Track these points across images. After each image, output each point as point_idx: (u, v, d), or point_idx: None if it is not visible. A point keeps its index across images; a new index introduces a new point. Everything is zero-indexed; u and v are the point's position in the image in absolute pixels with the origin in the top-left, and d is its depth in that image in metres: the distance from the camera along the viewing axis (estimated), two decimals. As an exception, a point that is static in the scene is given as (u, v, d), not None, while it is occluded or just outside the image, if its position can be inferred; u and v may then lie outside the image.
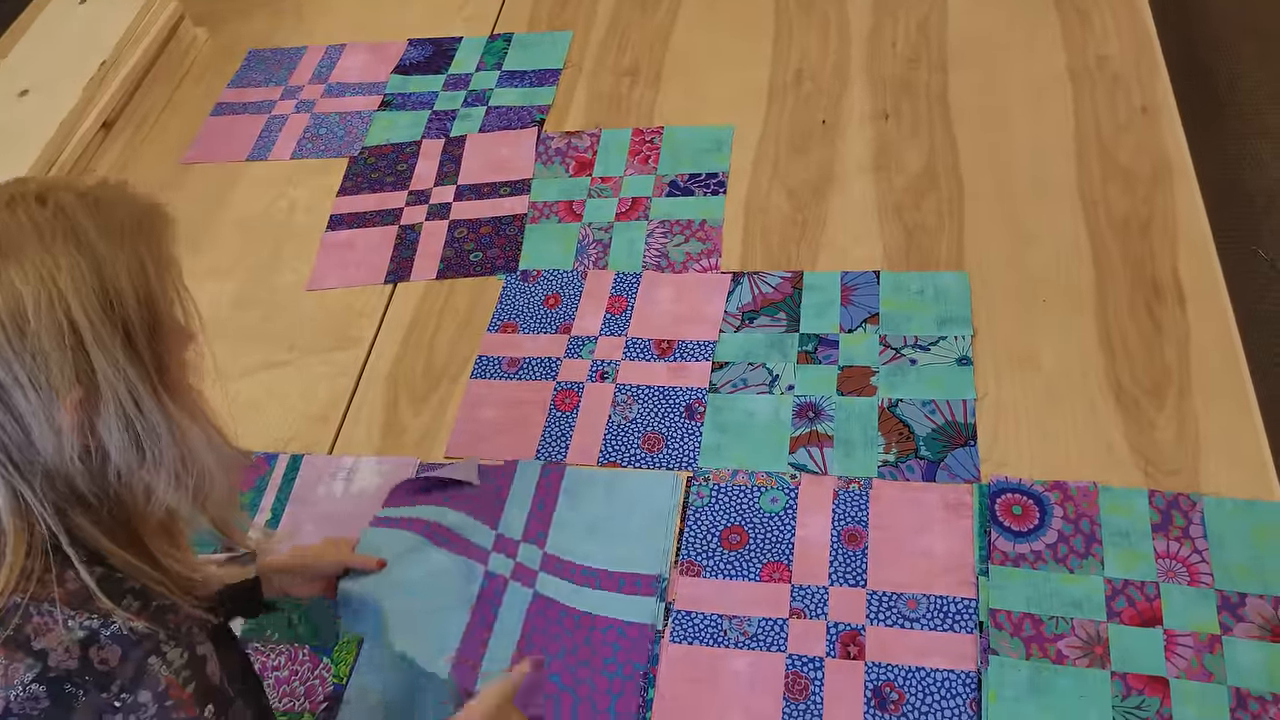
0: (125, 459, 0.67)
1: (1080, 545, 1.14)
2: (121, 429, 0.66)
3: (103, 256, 0.65)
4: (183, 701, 0.68)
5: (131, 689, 0.66)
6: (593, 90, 1.79)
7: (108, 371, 0.64)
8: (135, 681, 0.66)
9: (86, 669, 0.65)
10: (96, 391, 0.64)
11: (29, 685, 0.64)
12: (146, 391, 0.67)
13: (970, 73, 1.64)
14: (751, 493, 1.24)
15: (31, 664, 0.65)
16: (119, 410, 0.65)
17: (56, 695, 0.65)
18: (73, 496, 0.67)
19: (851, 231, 1.48)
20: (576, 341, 1.43)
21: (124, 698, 0.66)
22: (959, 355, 1.31)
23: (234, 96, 1.93)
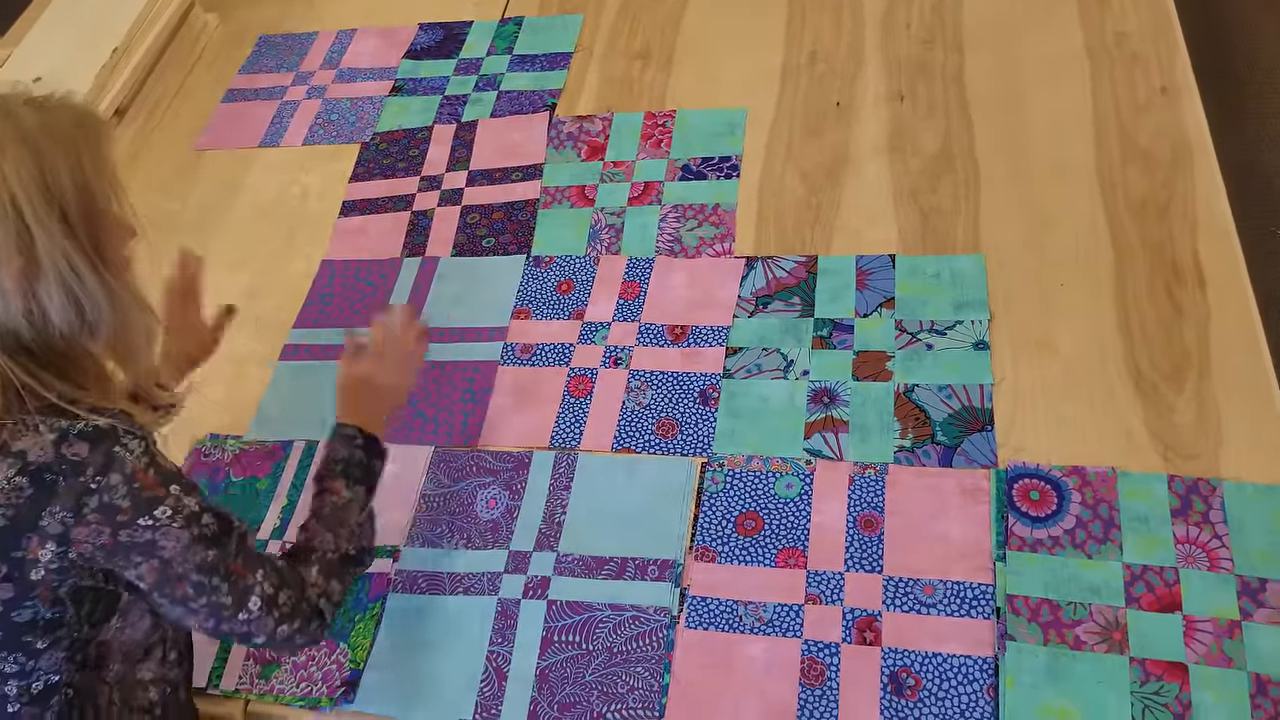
0: (65, 320, 0.78)
1: (1099, 531, 1.13)
2: (61, 295, 0.77)
3: (43, 149, 0.76)
4: (149, 482, 0.80)
5: (103, 473, 0.78)
6: (604, 74, 1.77)
7: (45, 244, 0.76)
8: (105, 467, 0.78)
9: (61, 460, 0.77)
10: (36, 261, 0.76)
11: (12, 479, 0.77)
12: (84, 265, 0.78)
13: (986, 53, 1.62)
14: (766, 478, 1.23)
15: (12, 462, 0.77)
16: (58, 279, 0.77)
17: (38, 484, 0.77)
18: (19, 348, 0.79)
19: (866, 215, 1.47)
20: (590, 328, 1.43)
21: (99, 480, 0.78)
22: (976, 339, 1.30)
23: (245, 83, 1.92)
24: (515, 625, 1.16)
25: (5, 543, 0.77)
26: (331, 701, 1.14)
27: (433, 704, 1.12)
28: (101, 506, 0.78)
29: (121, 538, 0.79)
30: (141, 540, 0.80)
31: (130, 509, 0.79)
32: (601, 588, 1.17)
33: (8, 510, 0.77)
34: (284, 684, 1.16)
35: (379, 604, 1.20)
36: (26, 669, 0.81)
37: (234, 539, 0.87)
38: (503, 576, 1.20)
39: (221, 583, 0.84)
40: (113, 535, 0.79)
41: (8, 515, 0.77)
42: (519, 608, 1.17)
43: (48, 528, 0.77)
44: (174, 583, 0.82)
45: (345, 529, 0.99)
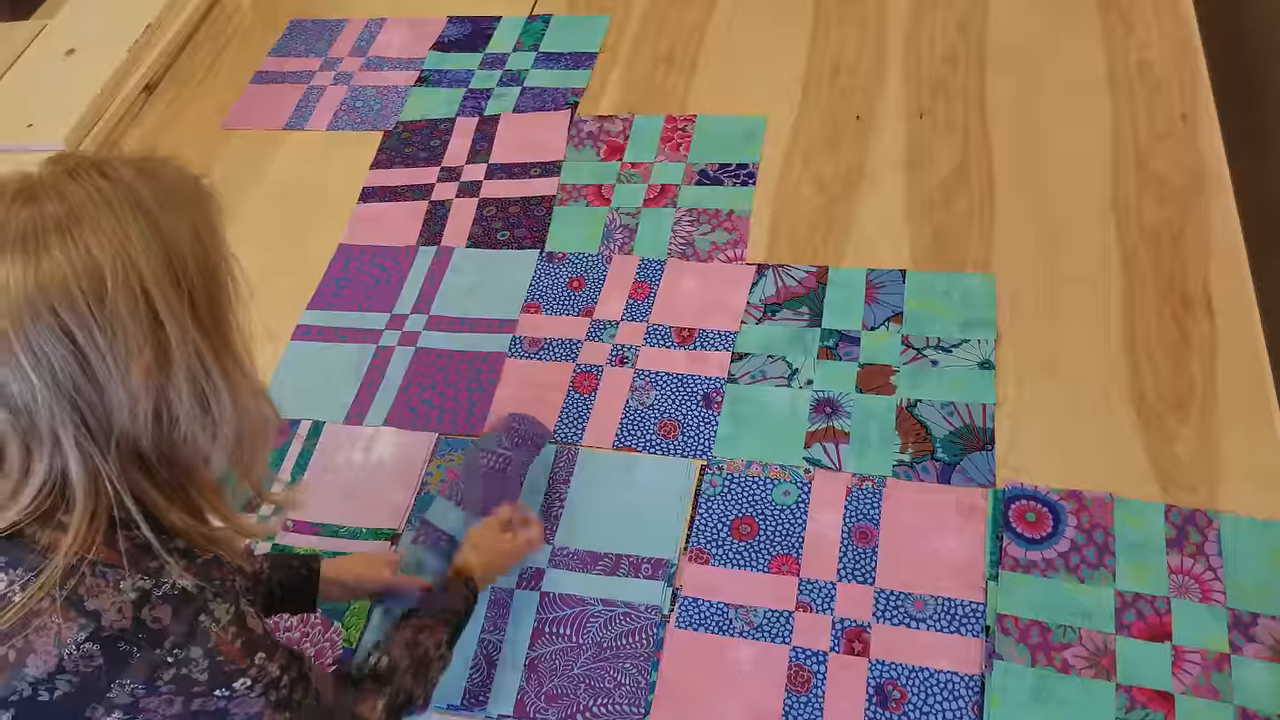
0: (191, 421, 0.69)
1: (1093, 556, 1.13)
2: (190, 392, 0.68)
3: (165, 226, 0.67)
4: (232, 655, 0.71)
5: (184, 644, 0.69)
6: (627, 75, 1.79)
7: (177, 336, 0.67)
8: (187, 638, 0.69)
9: (140, 628, 0.67)
10: (167, 356, 0.67)
11: (82, 644, 0.66)
12: (210, 356, 0.69)
13: (1008, 74, 1.63)
14: (764, 484, 1.24)
15: (85, 624, 0.66)
16: (188, 374, 0.68)
17: (111, 653, 0.66)
18: (138, 459, 0.69)
19: (880, 228, 1.48)
20: (598, 325, 1.44)
21: (176, 653, 0.69)
22: (981, 359, 1.30)
23: (274, 65, 1.94)
24: (508, 614, 1.17)
25: (70, 710, 0.68)
26: (322, 680, 1.15)
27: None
28: (177, 679, 0.69)
29: (194, 706, 0.71)
30: (212, 709, 0.72)
31: (207, 682, 0.71)
32: (595, 583, 1.18)
33: (74, 678, 0.66)
34: (276, 660, 1.17)
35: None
36: None
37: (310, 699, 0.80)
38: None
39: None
40: (185, 705, 0.71)
41: (74, 683, 0.66)
42: (512, 597, 1.18)
43: (115, 699, 0.68)
44: None
45: (423, 676, 0.95)
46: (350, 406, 1.40)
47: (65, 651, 0.65)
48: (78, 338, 0.64)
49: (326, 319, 1.51)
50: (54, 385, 0.64)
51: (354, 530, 1.27)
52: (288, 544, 1.27)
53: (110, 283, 0.64)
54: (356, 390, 1.42)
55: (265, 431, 0.77)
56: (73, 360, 0.64)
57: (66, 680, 0.66)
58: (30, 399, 0.64)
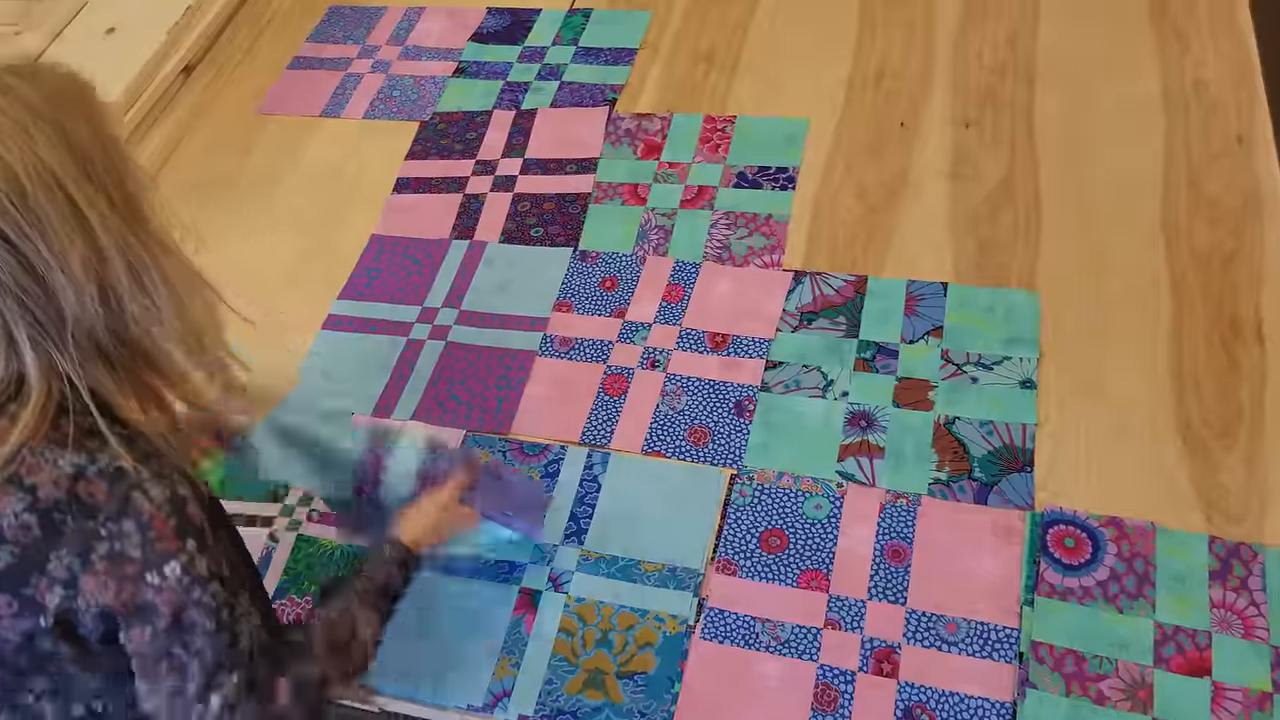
0: (133, 300, 0.73)
1: (1132, 585, 1.11)
2: (127, 274, 0.72)
3: (66, 125, 0.71)
4: (165, 533, 0.72)
5: (116, 519, 0.71)
6: (667, 73, 1.76)
7: (100, 224, 0.70)
8: (120, 513, 0.71)
9: (74, 500, 0.71)
10: (97, 243, 0.70)
11: (20, 515, 0.70)
12: (135, 239, 0.73)
13: (1058, 88, 1.59)
14: (795, 497, 1.22)
15: (22, 496, 0.71)
16: (120, 258, 0.72)
17: (46, 524, 0.71)
18: (97, 350, 0.72)
19: (921, 239, 1.45)
20: (630, 327, 1.41)
21: (109, 526, 0.71)
22: (1023, 378, 1.27)
23: (312, 51, 1.93)
24: (534, 617, 1.15)
25: (13, 580, 0.71)
26: (341, 676, 1.14)
27: (444, 687, 1.12)
28: (111, 555, 0.71)
29: (124, 595, 0.72)
30: (143, 602, 0.72)
31: (140, 560, 0.71)
32: (621, 588, 1.16)
33: (15, 549, 0.71)
34: (295, 653, 1.16)
35: (396, 583, 1.20)
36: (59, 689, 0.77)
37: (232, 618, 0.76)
38: (527, 566, 1.19)
39: (198, 667, 0.73)
40: (117, 593, 0.71)
41: (15, 554, 0.71)
42: (539, 599, 1.17)
43: (54, 572, 0.71)
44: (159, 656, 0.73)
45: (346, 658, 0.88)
46: (379, 399, 1.39)
47: (4, 522, 0.70)
48: (11, 237, 0.68)
49: (357, 309, 1.50)
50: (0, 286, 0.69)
51: (377, 525, 1.26)
52: (311, 534, 1.26)
53: (28, 184, 0.68)
54: (385, 383, 1.40)
55: (207, 310, 0.80)
56: (11, 259, 0.69)
57: (7, 551, 0.71)
58: None
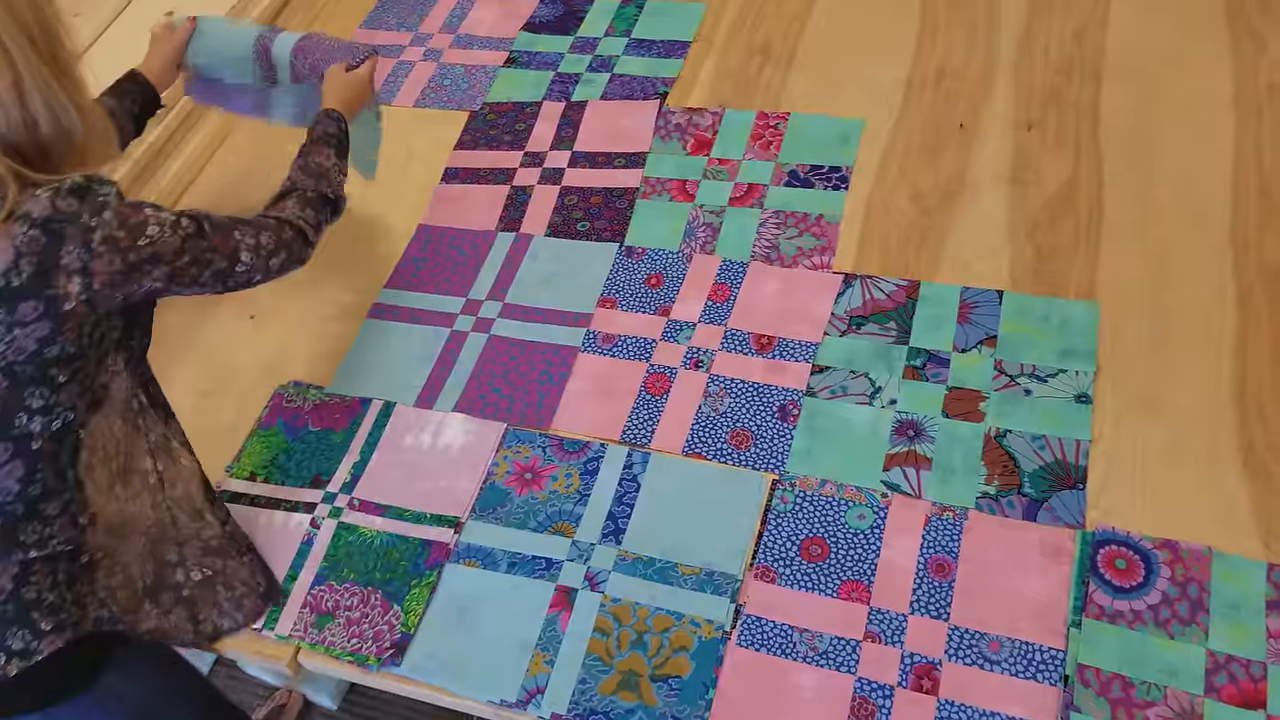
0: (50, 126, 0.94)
1: (1185, 611, 1.07)
2: (43, 107, 0.93)
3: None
4: (131, 209, 0.98)
5: (96, 213, 0.94)
6: (720, 67, 1.74)
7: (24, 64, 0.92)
8: (96, 210, 0.94)
9: (59, 212, 0.92)
10: (20, 79, 0.92)
11: (28, 232, 0.91)
12: (54, 82, 0.94)
13: (1126, 89, 1.54)
14: (838, 505, 1.19)
15: (23, 220, 0.91)
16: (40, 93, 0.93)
17: (48, 231, 0.92)
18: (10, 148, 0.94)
19: (977, 245, 1.41)
20: (674, 325, 1.40)
21: (94, 220, 0.94)
22: (1078, 391, 1.24)
23: (365, 37, 1.93)
24: (570, 615, 1.15)
25: (39, 284, 0.92)
26: (379, 662, 1.14)
27: (478, 681, 1.12)
28: (105, 240, 0.94)
29: (131, 258, 0.96)
30: (146, 255, 0.98)
31: (128, 235, 0.96)
32: (657, 591, 1.15)
33: (33, 259, 0.91)
34: (336, 637, 1.17)
35: (436, 572, 1.20)
36: (50, 404, 0.97)
37: (208, 224, 1.05)
38: (564, 564, 1.19)
39: (215, 255, 1.05)
40: (123, 259, 0.96)
41: (33, 262, 0.91)
42: (575, 597, 1.16)
43: (69, 264, 0.92)
44: (182, 273, 1.02)
45: (325, 179, 1.24)
46: (421, 390, 1.39)
47: (16, 242, 0.90)
48: None
49: (403, 299, 1.50)
50: None
51: (418, 514, 1.26)
52: (352, 522, 1.26)
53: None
54: (428, 374, 1.40)
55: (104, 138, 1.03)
56: None
57: (27, 262, 0.91)
58: None
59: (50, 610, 1.00)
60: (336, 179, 1.26)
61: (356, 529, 1.25)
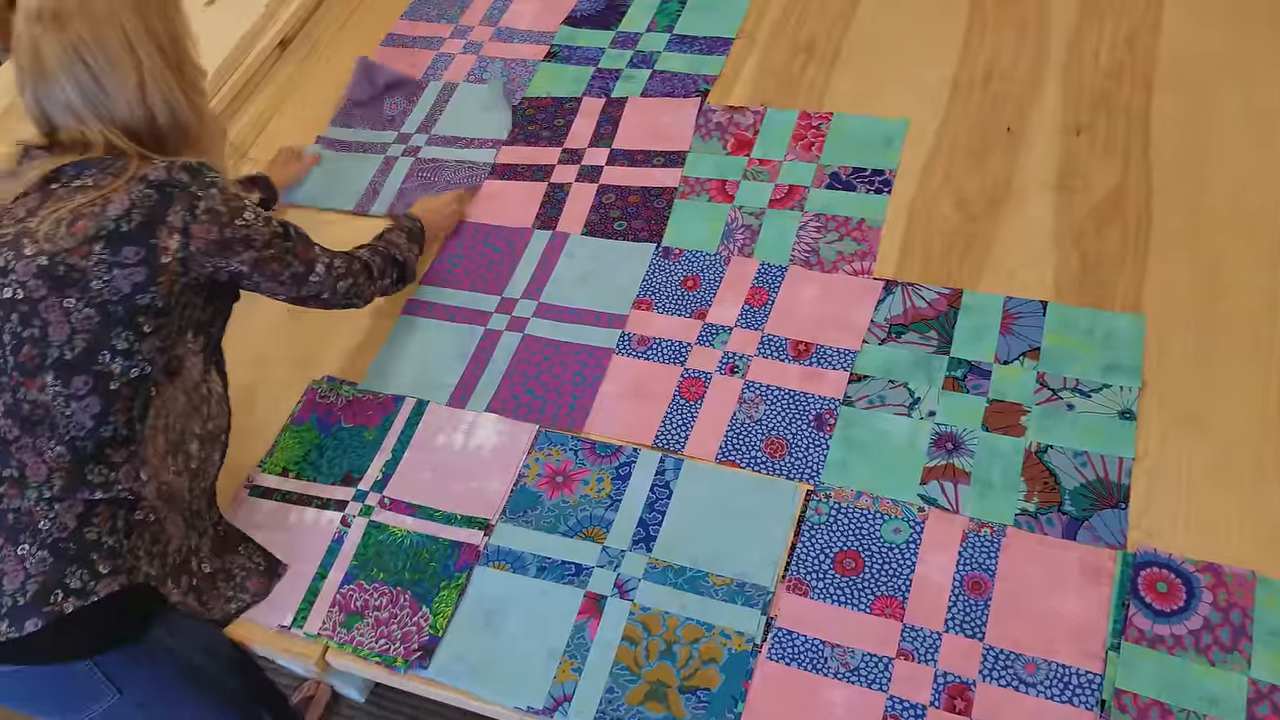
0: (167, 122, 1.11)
1: (1227, 637, 1.04)
2: (164, 106, 1.10)
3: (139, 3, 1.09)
4: (234, 195, 1.11)
5: (205, 188, 1.09)
6: (763, 65, 1.71)
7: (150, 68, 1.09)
8: (207, 185, 1.09)
9: (174, 180, 1.07)
10: (144, 81, 1.08)
11: (144, 190, 1.06)
12: (176, 86, 1.11)
13: (1178, 95, 1.50)
14: (873, 518, 1.18)
15: (141, 179, 1.06)
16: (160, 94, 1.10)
17: (161, 192, 1.06)
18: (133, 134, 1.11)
19: (1022, 253, 1.38)
20: (710, 329, 1.38)
21: (202, 193, 1.08)
22: (1122, 407, 1.21)
23: (406, 29, 1.93)
24: (599, 622, 1.14)
25: (145, 233, 1.05)
26: (406, 664, 1.14)
27: (504, 687, 1.12)
28: (208, 210, 1.08)
29: (227, 234, 1.09)
30: (240, 235, 1.11)
31: (228, 212, 1.10)
32: (688, 600, 1.14)
33: (144, 211, 1.05)
34: (364, 637, 1.17)
35: (465, 574, 1.20)
36: (133, 349, 1.06)
37: (293, 231, 1.18)
38: (594, 570, 1.18)
39: (294, 259, 1.18)
40: (220, 231, 1.09)
41: (144, 214, 1.05)
42: (604, 605, 1.15)
43: (173, 222, 1.06)
44: (265, 264, 1.14)
45: (396, 248, 1.37)
46: (454, 389, 1.38)
47: (133, 195, 1.05)
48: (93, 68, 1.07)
49: (438, 295, 1.49)
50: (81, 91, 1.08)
51: (449, 515, 1.26)
52: (383, 521, 1.27)
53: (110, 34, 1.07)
54: (462, 372, 1.40)
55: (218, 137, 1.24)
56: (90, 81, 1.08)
57: (138, 213, 1.05)
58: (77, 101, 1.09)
59: (109, 554, 1.05)
60: (407, 253, 1.38)
61: (387, 528, 1.26)
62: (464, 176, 1.64)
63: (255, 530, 1.27)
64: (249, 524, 1.28)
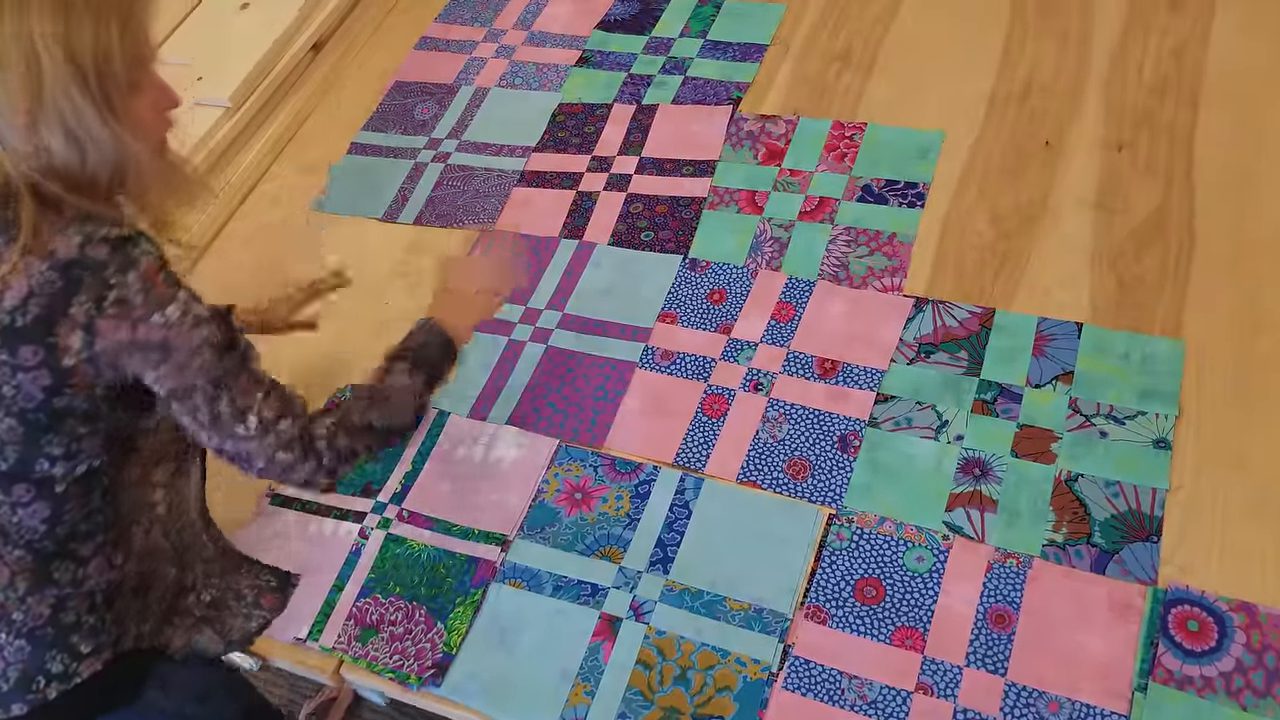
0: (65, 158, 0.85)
1: (1260, 681, 1.01)
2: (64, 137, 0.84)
3: (73, 8, 0.82)
4: (160, 283, 0.88)
5: (121, 272, 0.86)
6: (797, 72, 1.69)
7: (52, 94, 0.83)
8: (123, 268, 0.86)
9: (85, 259, 0.85)
10: (42, 107, 0.83)
11: (44, 271, 0.85)
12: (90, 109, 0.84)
13: (1224, 114, 1.45)
14: (896, 545, 1.16)
15: (45, 258, 0.85)
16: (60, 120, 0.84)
17: (66, 277, 0.85)
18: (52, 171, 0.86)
19: (1058, 273, 1.35)
20: (735, 345, 1.37)
21: (116, 278, 0.86)
22: (1157, 436, 1.18)
23: (439, 32, 1.92)
24: (613, 645, 1.13)
25: (42, 330, 0.85)
26: (419, 681, 1.14)
27: (517, 707, 1.11)
28: (118, 301, 0.86)
29: (139, 334, 0.87)
30: (156, 339, 0.88)
31: (144, 305, 0.87)
32: (704, 625, 1.13)
33: (43, 301, 0.85)
34: (379, 652, 1.17)
35: (481, 591, 1.20)
36: (71, 451, 0.91)
37: (239, 353, 0.93)
38: (609, 591, 1.17)
39: (224, 393, 0.91)
40: (131, 330, 0.87)
41: (42, 304, 0.85)
42: (619, 627, 1.14)
43: (76, 315, 0.85)
44: (184, 390, 0.90)
45: (385, 406, 1.04)
46: (475, 400, 1.38)
47: (33, 280, 0.85)
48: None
49: (462, 304, 1.49)
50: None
51: (466, 530, 1.25)
52: (401, 534, 1.26)
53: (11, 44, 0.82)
54: (484, 383, 1.39)
55: (159, 178, 0.93)
56: None
57: (36, 303, 0.85)
58: None
59: (90, 632, 0.98)
60: (401, 405, 1.05)
61: (404, 541, 1.25)
62: (493, 185, 1.63)
63: (275, 539, 1.27)
64: (269, 533, 1.28)
